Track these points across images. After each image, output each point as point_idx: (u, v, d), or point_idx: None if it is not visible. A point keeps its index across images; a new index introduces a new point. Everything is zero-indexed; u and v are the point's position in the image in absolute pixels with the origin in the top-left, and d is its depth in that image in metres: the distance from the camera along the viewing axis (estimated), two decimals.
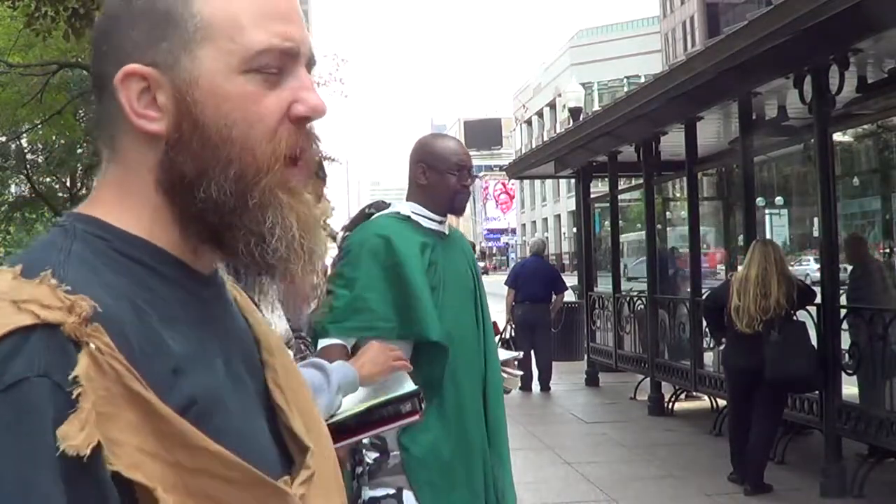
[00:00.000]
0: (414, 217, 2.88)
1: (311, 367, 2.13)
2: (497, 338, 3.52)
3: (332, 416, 2.06)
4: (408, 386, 2.33)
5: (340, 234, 3.03)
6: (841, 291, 6.64)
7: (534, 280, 10.79)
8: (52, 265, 0.78)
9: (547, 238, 67.44)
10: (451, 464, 2.75)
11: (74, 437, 0.71)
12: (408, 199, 2.95)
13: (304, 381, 1.03)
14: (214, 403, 0.82)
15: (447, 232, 2.99)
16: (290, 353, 2.09)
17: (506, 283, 11.09)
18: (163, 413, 0.76)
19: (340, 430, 2.01)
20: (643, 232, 10.43)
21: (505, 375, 3.13)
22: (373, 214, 2.92)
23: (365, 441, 2.60)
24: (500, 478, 2.89)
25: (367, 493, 2.69)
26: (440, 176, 2.90)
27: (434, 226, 2.93)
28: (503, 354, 3.23)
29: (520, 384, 3.48)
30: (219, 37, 0.85)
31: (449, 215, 2.97)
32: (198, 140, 0.84)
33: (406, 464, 2.71)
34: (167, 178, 0.86)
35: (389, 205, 2.98)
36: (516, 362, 3.39)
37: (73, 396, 0.72)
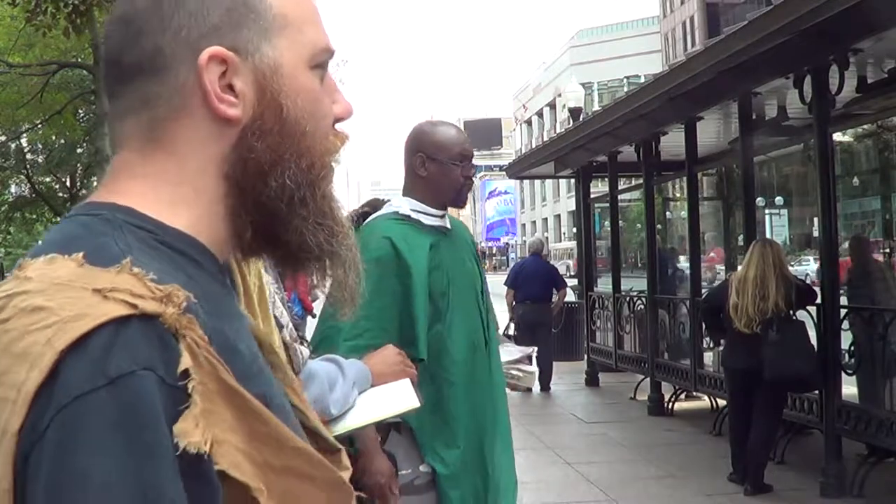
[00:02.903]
0: (414, 215, 2.70)
1: (325, 360, 2.12)
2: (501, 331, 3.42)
3: (332, 422, 2.04)
4: (410, 401, 2.23)
5: None
6: (841, 291, 6.64)
7: (534, 279, 10.79)
8: (119, 253, 0.74)
9: (547, 238, 67.47)
10: (474, 472, 2.70)
11: (192, 433, 0.68)
12: (405, 194, 2.76)
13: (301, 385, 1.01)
14: (275, 402, 0.80)
15: (449, 226, 2.81)
16: (303, 348, 2.10)
17: (505, 284, 11.08)
18: (257, 410, 0.73)
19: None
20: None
21: (520, 374, 3.07)
22: (368, 214, 2.74)
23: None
24: (503, 468, 2.83)
25: None
26: (442, 167, 2.71)
27: (436, 221, 2.75)
28: (517, 352, 3.13)
29: (534, 381, 3.36)
30: (292, 29, 0.85)
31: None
32: (278, 129, 0.83)
33: (440, 485, 2.62)
34: (240, 167, 0.83)
35: (386, 201, 2.81)
36: (530, 358, 3.22)
37: (187, 391, 0.68)
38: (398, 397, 2.26)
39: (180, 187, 0.82)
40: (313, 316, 8.44)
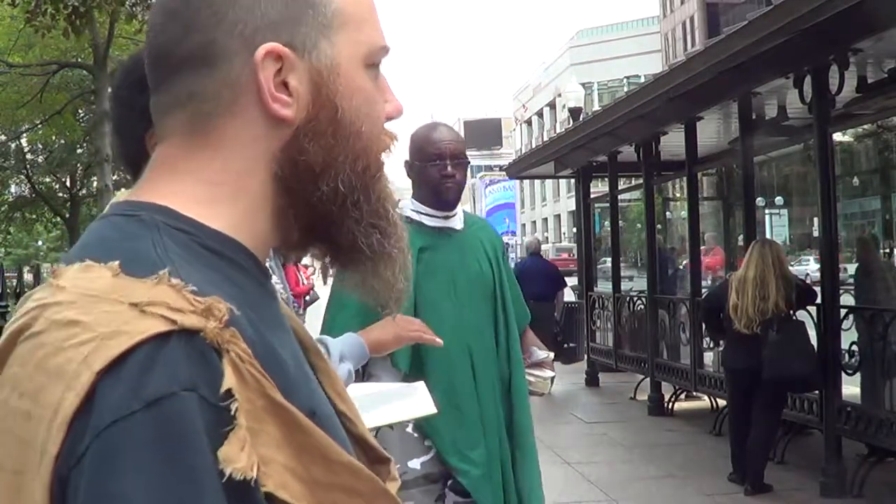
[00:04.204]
0: (415, 217, 2.72)
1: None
2: None
3: None
4: (426, 407, 2.22)
5: None
6: (841, 291, 6.64)
7: (537, 279, 10.80)
8: (157, 261, 0.70)
9: (547, 238, 67.44)
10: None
11: (237, 458, 0.64)
12: (412, 196, 2.81)
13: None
14: (323, 413, 0.77)
15: (459, 226, 2.79)
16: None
17: None
18: (305, 426, 0.70)
19: None
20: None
21: (533, 379, 3.04)
22: None
23: None
24: (526, 479, 2.81)
25: None
26: (420, 169, 2.74)
27: (438, 223, 2.75)
28: (539, 355, 3.09)
29: (550, 386, 3.32)
30: (350, 26, 0.81)
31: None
32: (334, 130, 0.80)
33: (471, 487, 2.62)
34: (290, 168, 0.79)
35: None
36: (550, 363, 3.19)
37: (230, 412, 0.65)
38: (414, 402, 2.24)
39: (223, 186, 0.78)
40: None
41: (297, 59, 0.78)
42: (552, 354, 3.37)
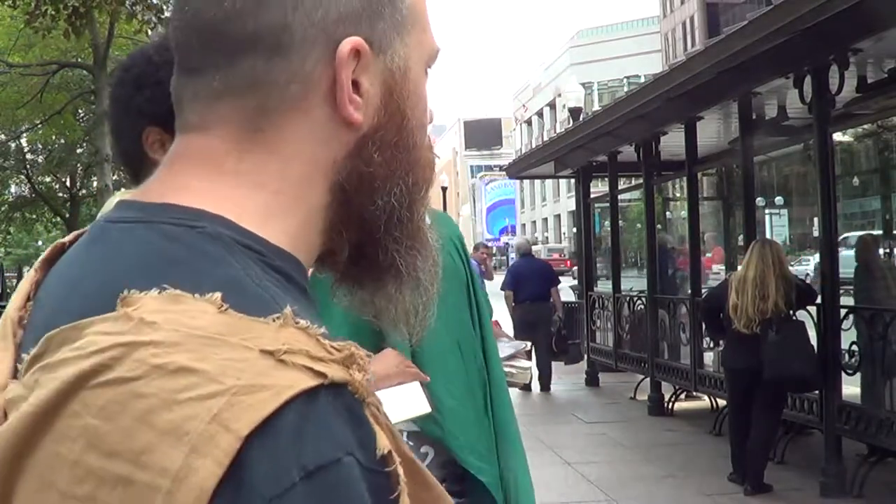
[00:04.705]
0: None
1: None
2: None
3: None
4: (421, 407, 2.22)
5: None
6: (841, 291, 6.64)
7: (532, 279, 10.81)
8: (263, 294, 0.60)
9: (547, 238, 67.43)
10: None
11: None
12: None
13: None
14: None
15: (428, 223, 2.81)
16: None
17: (502, 288, 11.09)
18: (428, 480, 0.62)
19: None
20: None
21: (514, 371, 3.05)
22: None
23: None
24: (514, 468, 2.81)
25: None
26: None
27: None
28: (510, 347, 3.10)
29: (530, 377, 3.31)
30: (419, 27, 0.74)
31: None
32: (398, 140, 0.72)
33: (492, 486, 2.59)
34: (354, 179, 0.71)
35: None
36: (527, 354, 3.23)
37: (389, 476, 0.57)
38: (409, 402, 2.23)
39: (280, 195, 0.68)
40: None
41: (373, 57, 0.70)
42: (528, 344, 3.36)
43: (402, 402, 2.23)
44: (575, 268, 16.44)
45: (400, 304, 0.78)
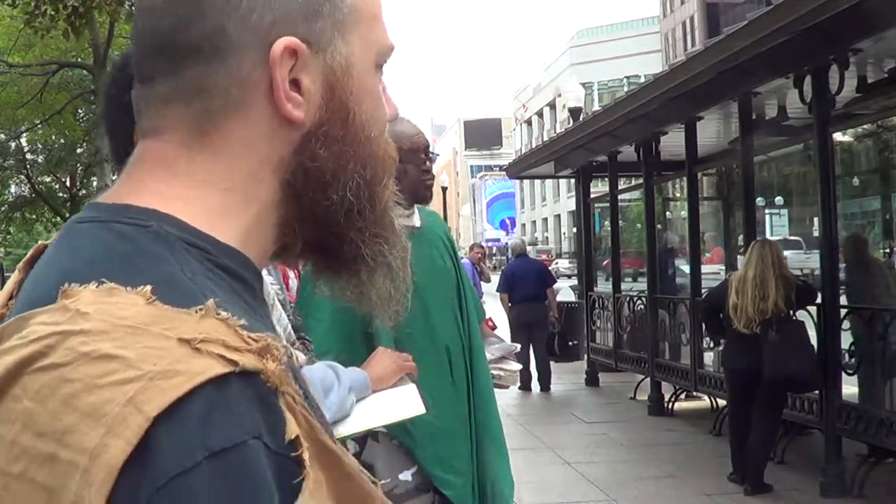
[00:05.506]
0: None
1: (323, 366, 2.10)
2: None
3: (337, 423, 2.02)
4: (416, 408, 2.21)
5: None
6: (841, 291, 6.64)
7: (528, 280, 10.81)
8: (193, 288, 0.63)
9: (547, 238, 67.42)
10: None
11: None
12: None
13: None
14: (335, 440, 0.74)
15: (418, 224, 2.73)
16: (299, 353, 2.08)
17: (498, 290, 11.08)
18: (350, 470, 0.65)
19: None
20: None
21: (502, 373, 3.02)
22: None
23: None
24: (496, 467, 2.79)
25: None
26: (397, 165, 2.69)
27: (402, 221, 2.71)
28: (499, 350, 3.09)
29: (519, 379, 3.30)
30: (363, 24, 0.76)
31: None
32: (343, 135, 0.74)
33: (456, 498, 2.59)
34: (300, 175, 0.73)
35: None
36: (515, 355, 3.18)
37: (296, 460, 0.60)
38: (403, 403, 2.23)
39: (229, 193, 0.71)
40: None
41: (311, 56, 0.72)
42: (517, 346, 3.35)
43: (398, 403, 2.23)
44: (558, 264, 16.44)
45: (373, 289, 0.81)
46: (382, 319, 0.87)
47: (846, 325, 6.13)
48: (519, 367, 3.23)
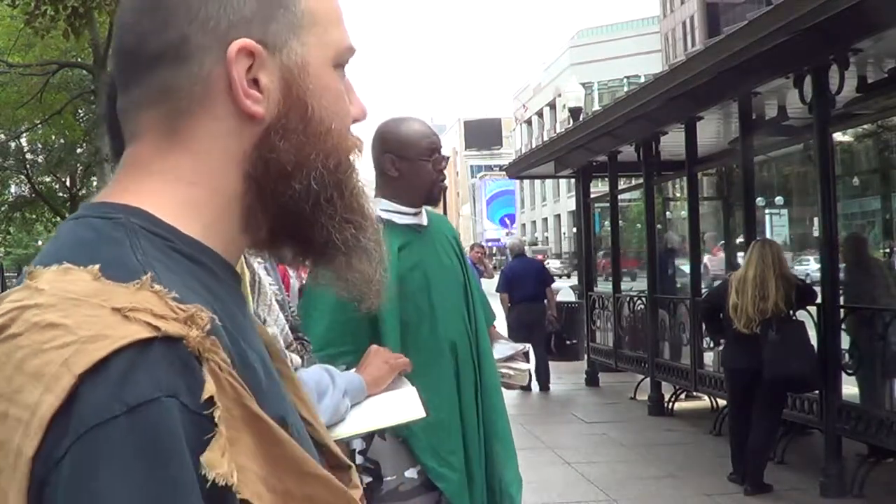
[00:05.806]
0: (385, 216, 2.61)
1: (317, 369, 2.09)
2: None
3: (334, 426, 2.01)
4: (415, 411, 2.20)
5: None
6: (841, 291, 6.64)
7: (527, 280, 10.81)
8: (138, 266, 0.70)
9: (547, 238, 67.40)
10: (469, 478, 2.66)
11: (219, 464, 0.65)
12: (376, 195, 2.68)
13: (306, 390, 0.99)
14: (292, 421, 0.77)
15: (425, 223, 2.74)
16: (294, 356, 2.07)
17: (498, 290, 11.07)
18: (279, 437, 0.71)
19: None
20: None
21: (511, 372, 3.03)
22: None
23: (358, 462, 2.51)
24: (503, 467, 2.78)
25: None
26: (413, 165, 2.65)
27: (409, 220, 2.69)
28: (509, 349, 3.09)
29: (528, 379, 3.31)
30: (319, 26, 0.83)
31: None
32: (303, 128, 0.80)
33: (450, 493, 2.58)
34: (261, 166, 0.80)
35: None
36: (525, 355, 3.18)
37: (211, 420, 0.65)
38: (403, 406, 2.22)
39: (196, 187, 0.79)
40: None
41: (268, 56, 0.79)
42: (527, 346, 3.37)
43: (397, 406, 2.22)
44: (549, 265, 16.48)
45: (351, 272, 0.87)
46: (366, 302, 0.89)
47: (846, 325, 6.13)
48: (528, 366, 3.24)
